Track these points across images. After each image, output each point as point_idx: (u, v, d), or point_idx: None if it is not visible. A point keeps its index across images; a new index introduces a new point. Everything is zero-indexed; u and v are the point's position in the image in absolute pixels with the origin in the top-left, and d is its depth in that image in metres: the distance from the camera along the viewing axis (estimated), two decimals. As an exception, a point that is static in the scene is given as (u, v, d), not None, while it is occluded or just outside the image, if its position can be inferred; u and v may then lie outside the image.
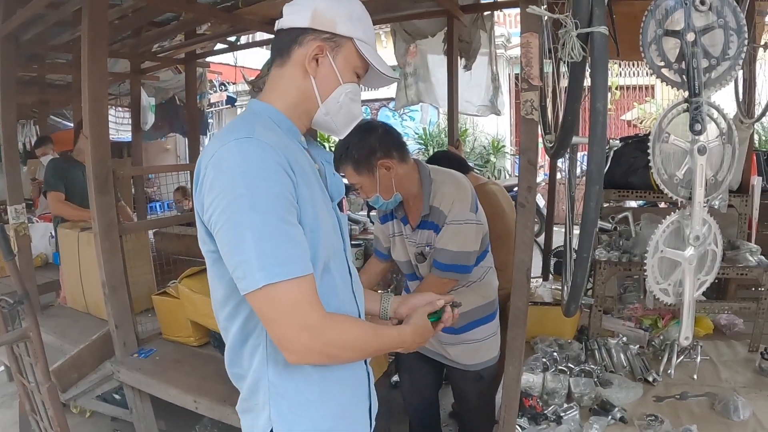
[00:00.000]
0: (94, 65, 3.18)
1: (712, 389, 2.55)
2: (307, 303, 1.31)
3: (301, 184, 1.39)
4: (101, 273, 3.26)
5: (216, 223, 1.33)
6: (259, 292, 1.28)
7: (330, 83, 1.53)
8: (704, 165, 1.43)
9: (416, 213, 2.72)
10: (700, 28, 1.43)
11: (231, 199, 1.29)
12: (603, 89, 1.30)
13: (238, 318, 1.47)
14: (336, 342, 1.38)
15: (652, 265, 1.54)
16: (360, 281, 1.74)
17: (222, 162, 1.32)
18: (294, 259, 1.30)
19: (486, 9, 5.46)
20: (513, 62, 15.12)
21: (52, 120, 10.55)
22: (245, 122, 1.43)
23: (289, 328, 1.30)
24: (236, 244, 1.30)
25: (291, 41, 1.51)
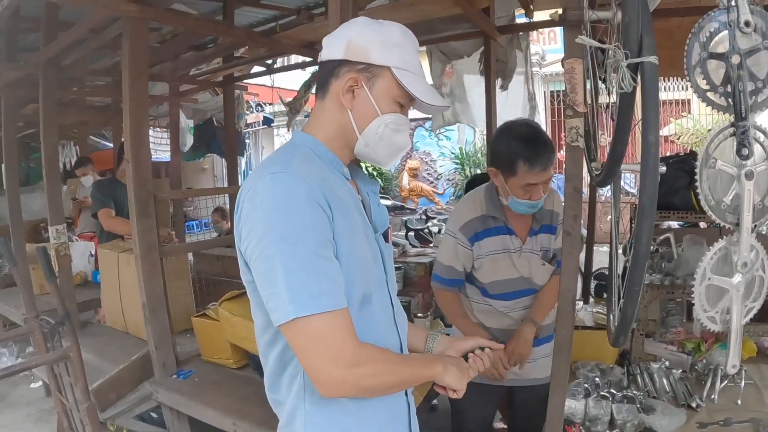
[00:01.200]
0: (135, 91, 3.25)
1: (757, 414, 2.47)
2: (339, 336, 1.31)
3: (338, 217, 1.39)
4: (141, 295, 3.30)
5: (251, 255, 1.36)
6: (290, 325, 1.30)
7: (367, 115, 1.51)
8: (752, 190, 1.40)
9: (523, 222, 2.71)
10: (746, 50, 1.40)
11: (264, 232, 1.31)
12: (655, 121, 1.28)
13: (277, 346, 1.47)
14: (369, 374, 1.37)
15: (699, 293, 1.51)
16: (403, 312, 1.72)
17: (256, 196, 1.34)
18: (326, 292, 1.30)
19: (522, 29, 5.47)
20: (548, 80, 15.11)
21: (91, 140, 10.76)
22: (284, 155, 1.45)
23: (320, 361, 1.31)
24: (268, 277, 1.32)
25: (328, 74, 1.51)
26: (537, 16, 5.14)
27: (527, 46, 5.53)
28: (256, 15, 5.13)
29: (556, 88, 15.31)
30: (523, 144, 2.48)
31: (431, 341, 1.82)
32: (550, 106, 15.30)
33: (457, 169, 16.65)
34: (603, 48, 1.55)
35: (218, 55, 6.08)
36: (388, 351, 1.51)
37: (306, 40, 4.97)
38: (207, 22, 4.31)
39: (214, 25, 4.44)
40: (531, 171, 2.45)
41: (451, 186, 17.03)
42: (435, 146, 17.11)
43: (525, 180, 2.47)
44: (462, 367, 1.61)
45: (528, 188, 2.50)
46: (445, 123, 6.19)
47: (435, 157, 17.46)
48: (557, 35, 14.70)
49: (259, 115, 16.77)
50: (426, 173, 17.63)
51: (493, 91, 5.21)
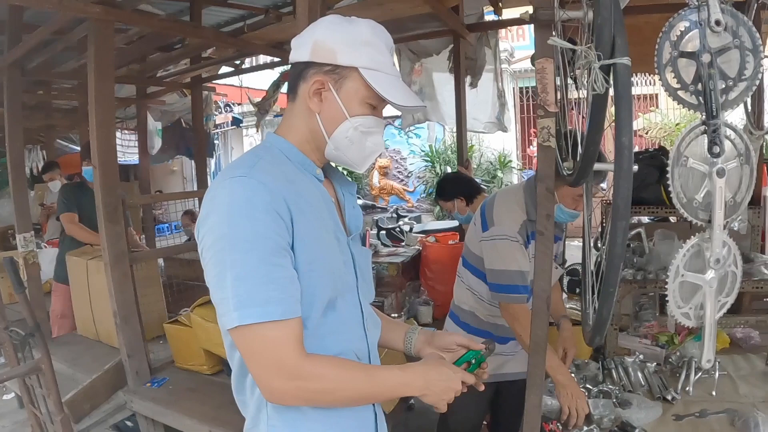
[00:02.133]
0: (101, 94, 3.20)
1: (732, 405, 2.51)
2: (282, 346, 1.29)
3: (303, 221, 1.36)
4: (112, 303, 3.26)
5: (204, 258, 1.35)
6: (235, 332, 1.29)
7: (335, 118, 1.46)
8: (723, 187, 1.42)
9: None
10: (716, 49, 1.41)
11: (216, 237, 1.30)
12: (628, 123, 1.28)
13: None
14: (314, 386, 1.33)
15: (673, 290, 1.52)
16: (375, 318, 1.69)
17: (215, 199, 1.33)
18: (273, 301, 1.28)
19: (491, 27, 5.48)
20: (517, 76, 15.19)
21: (58, 144, 10.60)
22: (251, 158, 1.42)
23: (262, 370, 1.30)
24: (218, 282, 1.30)
25: (297, 76, 1.48)
26: (506, 14, 5.16)
27: (496, 44, 5.56)
28: (223, 14, 5.07)
29: (525, 84, 15.40)
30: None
31: (409, 339, 1.77)
32: (520, 103, 15.39)
33: (427, 166, 16.63)
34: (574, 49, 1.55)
35: (186, 56, 6.01)
36: (344, 360, 1.44)
37: (274, 40, 4.93)
38: (174, 23, 4.26)
39: (181, 26, 4.39)
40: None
41: (421, 184, 17.01)
42: (405, 144, 17.10)
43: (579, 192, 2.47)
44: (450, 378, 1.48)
45: (578, 198, 2.52)
46: (415, 121, 6.20)
47: (405, 155, 17.43)
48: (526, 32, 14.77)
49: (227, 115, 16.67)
50: (396, 171, 17.60)
51: (463, 89, 5.24)
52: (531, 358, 1.91)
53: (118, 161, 3.40)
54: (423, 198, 16.87)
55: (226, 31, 5.05)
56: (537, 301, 1.85)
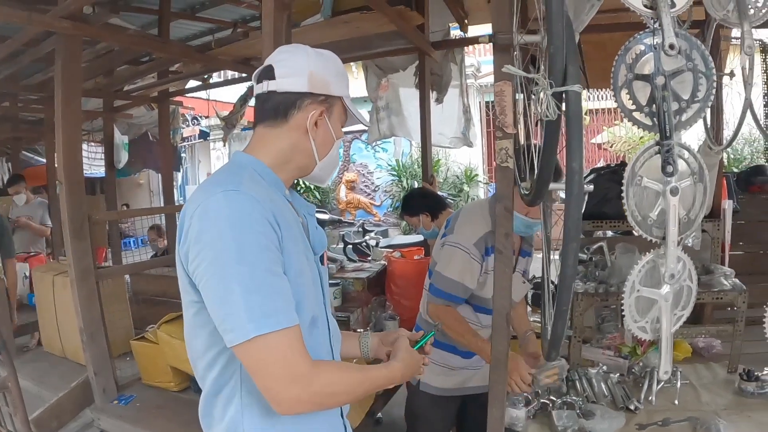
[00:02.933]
0: (68, 108, 3.19)
1: (694, 413, 2.55)
2: (295, 354, 1.31)
3: (286, 237, 1.40)
4: (78, 320, 3.23)
5: (202, 275, 1.33)
6: (248, 344, 1.28)
7: (327, 142, 1.60)
8: (677, 205, 1.46)
9: (516, 241, 2.74)
10: (670, 72, 1.46)
11: (218, 251, 1.30)
12: (578, 148, 1.31)
13: (216, 367, 1.46)
14: (326, 390, 1.37)
15: (629, 305, 1.56)
16: (339, 334, 1.75)
17: (208, 213, 1.33)
18: (281, 310, 1.31)
19: (456, 45, 5.55)
20: (484, 91, 15.28)
21: (24, 155, 10.43)
22: (231, 175, 1.44)
23: (279, 379, 1.30)
24: (223, 297, 1.30)
25: (289, 105, 1.54)
26: (472, 31, 5.24)
27: (462, 60, 5.62)
28: (192, 28, 5.07)
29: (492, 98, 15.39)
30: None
31: (364, 345, 1.89)
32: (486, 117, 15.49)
33: (394, 180, 16.67)
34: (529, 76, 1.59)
35: (153, 71, 5.99)
36: (342, 363, 1.58)
37: (241, 56, 4.94)
38: (142, 38, 4.25)
39: (149, 41, 4.38)
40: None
41: (388, 198, 17.04)
42: (372, 158, 17.12)
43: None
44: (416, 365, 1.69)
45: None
46: (381, 136, 6.21)
47: (372, 169, 17.43)
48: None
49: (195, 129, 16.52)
50: (363, 185, 17.59)
51: (428, 104, 5.28)
52: (492, 373, 1.94)
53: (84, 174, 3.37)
54: (390, 212, 16.89)
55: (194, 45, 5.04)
56: (497, 318, 1.88)
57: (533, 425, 2.60)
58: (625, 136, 13.98)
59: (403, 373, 1.63)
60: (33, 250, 7.09)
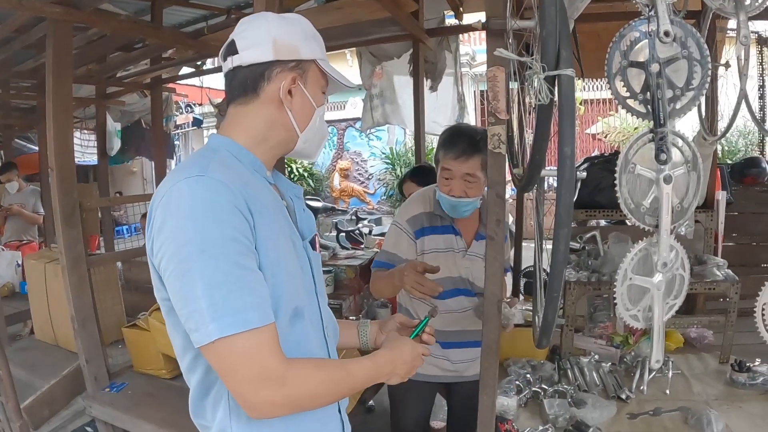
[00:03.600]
0: (59, 95, 3.16)
1: (685, 403, 2.57)
2: (264, 355, 1.21)
3: (262, 224, 1.30)
4: (70, 307, 3.21)
5: (165, 269, 1.24)
6: (212, 346, 1.19)
7: (306, 111, 1.48)
8: (670, 193, 1.45)
9: (470, 225, 2.71)
10: (665, 59, 1.44)
11: (179, 244, 1.20)
12: (570, 133, 1.30)
13: (198, 370, 1.38)
14: (301, 393, 1.26)
15: (621, 293, 1.55)
16: (335, 323, 1.67)
17: (171, 203, 1.23)
18: (250, 307, 1.20)
19: (451, 32, 5.52)
20: (478, 80, 15.27)
21: (17, 143, 10.37)
22: (200, 159, 1.34)
23: (247, 383, 1.21)
24: (186, 294, 1.20)
25: (257, 78, 1.43)
26: (467, 19, 5.20)
27: (456, 48, 5.59)
28: (185, 14, 5.02)
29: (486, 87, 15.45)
30: (446, 133, 2.59)
31: (363, 334, 1.82)
32: (480, 106, 15.47)
33: (387, 168, 16.67)
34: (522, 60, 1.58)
35: (146, 57, 5.94)
36: (318, 360, 1.45)
37: (234, 43, 4.89)
38: (134, 24, 4.20)
39: (141, 27, 4.34)
40: (445, 156, 2.50)
41: (382, 186, 17.05)
42: (366, 146, 17.12)
43: (441, 165, 2.53)
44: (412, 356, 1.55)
45: (445, 175, 2.52)
46: (375, 124, 6.18)
47: (366, 157, 17.44)
48: (487, 35, 14.87)
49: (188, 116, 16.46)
50: (357, 173, 17.59)
51: (421, 92, 5.25)
52: (483, 361, 1.92)
53: (76, 162, 3.36)
54: (383, 200, 16.91)
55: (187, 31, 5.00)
56: (488, 305, 1.86)
57: (524, 413, 2.62)
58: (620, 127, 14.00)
59: (394, 364, 1.50)
60: (25, 238, 7.11)
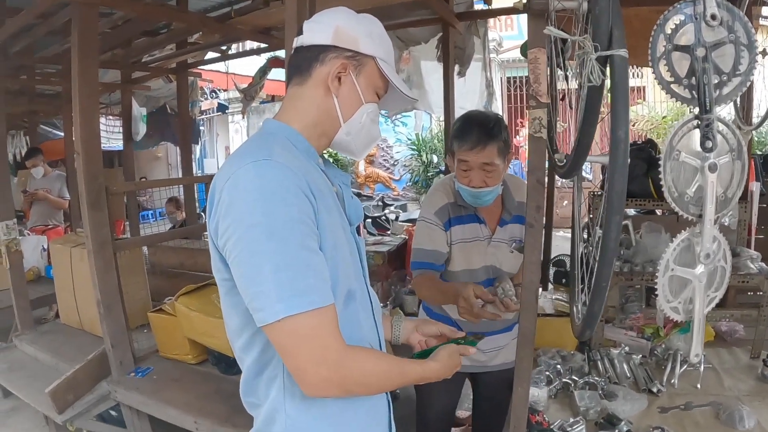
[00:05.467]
0: (85, 79, 3.15)
1: (716, 398, 2.52)
2: (326, 335, 1.26)
3: (321, 208, 1.33)
4: (96, 292, 3.22)
5: (231, 251, 1.27)
6: (277, 325, 1.22)
7: (352, 103, 1.49)
8: (715, 182, 1.40)
9: (493, 212, 2.66)
10: (711, 44, 1.39)
11: (247, 226, 1.23)
12: (625, 116, 1.26)
13: (254, 349, 1.41)
14: (356, 377, 1.32)
15: (662, 284, 1.51)
16: (380, 307, 1.68)
17: (238, 185, 1.26)
18: (314, 289, 1.24)
19: (481, 16, 5.44)
20: (505, 66, 15.19)
21: (42, 129, 10.48)
22: (262, 143, 1.37)
23: (308, 361, 1.25)
24: (253, 274, 1.24)
25: (312, 59, 1.47)
26: (495, 3, 5.13)
27: (485, 33, 5.53)
28: (210, 0, 5.01)
29: (513, 74, 15.40)
30: (459, 123, 2.52)
31: (396, 327, 1.82)
32: (507, 93, 15.39)
33: (413, 155, 16.63)
34: (566, 39, 1.53)
35: (171, 41, 5.94)
36: (377, 352, 1.50)
37: (261, 26, 4.88)
38: (159, 7, 4.19)
39: (166, 10, 4.32)
40: (461, 148, 2.44)
41: (407, 172, 17.02)
42: (391, 132, 17.03)
43: (457, 157, 2.47)
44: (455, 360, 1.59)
45: (463, 167, 2.47)
46: (402, 109, 6.17)
47: (391, 143, 17.38)
48: (514, 22, 14.77)
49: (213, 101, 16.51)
50: (382, 159, 17.55)
51: (451, 78, 5.17)
52: (519, 351, 1.90)
53: (102, 147, 3.35)
54: (409, 186, 16.86)
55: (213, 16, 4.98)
56: (526, 293, 1.83)
57: (554, 405, 2.58)
58: (648, 115, 13.82)
59: (438, 375, 1.54)
60: (51, 222, 7.19)
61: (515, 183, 2.67)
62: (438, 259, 2.65)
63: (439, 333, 1.78)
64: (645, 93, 14.19)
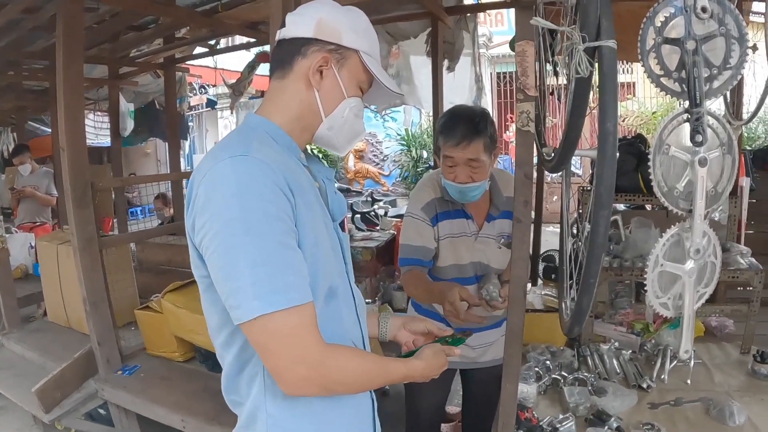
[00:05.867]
0: (70, 74, 3.12)
1: (707, 394, 2.52)
2: (305, 333, 1.24)
3: (301, 205, 1.31)
4: (82, 289, 3.20)
5: (208, 247, 1.25)
6: (254, 322, 1.20)
7: (334, 97, 1.47)
8: (705, 177, 1.39)
9: (480, 208, 2.63)
10: (701, 36, 1.38)
11: (224, 222, 1.21)
12: (613, 108, 1.24)
13: (234, 346, 1.39)
14: (335, 376, 1.30)
15: (651, 280, 1.49)
16: (363, 303, 1.67)
17: (215, 181, 1.25)
18: (292, 286, 1.22)
19: (470, 11, 5.45)
20: (495, 61, 15.18)
21: (30, 126, 10.40)
22: (241, 138, 1.35)
23: (285, 359, 1.23)
24: (229, 271, 1.22)
25: (294, 52, 1.44)
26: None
27: (475, 28, 5.52)
28: (199, -7, 4.97)
29: (502, 69, 15.39)
30: (444, 119, 2.48)
31: (383, 324, 1.80)
32: (497, 88, 15.38)
33: (403, 150, 16.66)
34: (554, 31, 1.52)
35: (159, 36, 5.89)
36: (359, 350, 1.49)
37: (249, 20, 4.85)
38: (145, 1, 4.15)
39: (152, 4, 4.27)
40: (446, 144, 2.40)
41: (397, 167, 17.04)
42: (381, 127, 16.97)
43: (443, 153, 2.43)
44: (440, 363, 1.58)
45: (448, 163, 2.44)
46: (391, 104, 6.15)
47: (381, 139, 17.40)
48: (504, 17, 14.77)
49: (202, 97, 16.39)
50: (372, 155, 17.56)
51: (440, 73, 5.17)
52: (507, 347, 1.88)
53: (89, 144, 3.33)
54: (398, 181, 16.90)
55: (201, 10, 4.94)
56: (514, 289, 1.82)
57: (544, 401, 2.57)
58: (638, 111, 13.85)
59: (423, 376, 1.54)
60: (38, 219, 7.15)
61: (504, 178, 2.63)
62: (426, 255, 2.63)
63: (426, 330, 1.76)
64: (635, 89, 14.20)
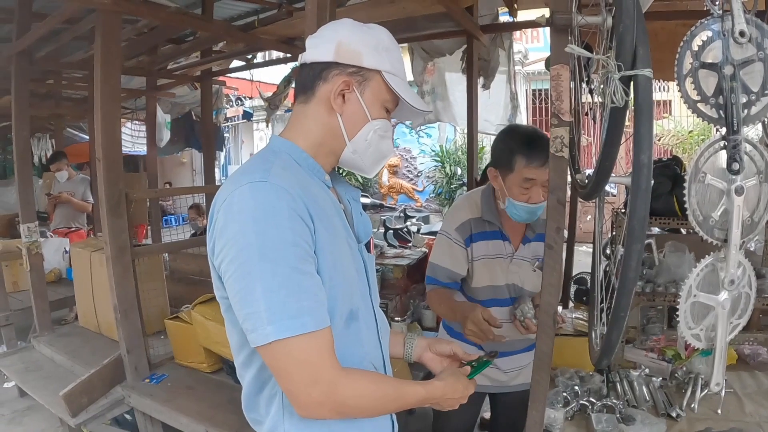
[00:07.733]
0: (107, 86, 3.18)
1: (737, 424, 2.44)
2: (318, 358, 1.25)
3: (321, 229, 1.32)
4: (113, 297, 3.24)
5: (226, 271, 1.27)
6: (268, 347, 1.22)
7: (358, 120, 1.46)
8: (741, 206, 1.36)
9: (518, 229, 2.62)
10: (739, 61, 1.34)
11: (240, 247, 1.23)
12: (648, 139, 1.22)
13: (252, 367, 1.40)
14: (349, 401, 1.30)
15: (684, 310, 1.46)
16: (387, 325, 1.67)
17: (233, 207, 1.26)
18: (307, 311, 1.23)
19: (505, 29, 5.44)
20: (530, 78, 15.10)
21: (68, 132, 10.64)
22: (262, 162, 1.36)
23: (299, 383, 1.24)
24: (245, 295, 1.23)
25: (315, 77, 1.44)
26: (521, 15, 5.10)
27: (510, 45, 5.51)
28: (236, 8, 5.03)
29: (538, 86, 15.31)
30: (523, 139, 2.41)
31: (409, 346, 1.78)
32: (532, 105, 15.30)
33: (437, 166, 16.63)
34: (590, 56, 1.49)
35: (196, 49, 6.00)
36: (375, 374, 1.48)
37: (285, 36, 4.91)
38: (183, 15, 4.20)
39: (190, 19, 4.33)
40: (529, 165, 2.34)
41: (430, 183, 17.01)
42: (415, 143, 17.05)
43: (522, 175, 2.36)
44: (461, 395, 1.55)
45: (526, 185, 2.38)
46: (426, 121, 6.16)
47: (415, 154, 17.42)
48: (540, 34, 14.71)
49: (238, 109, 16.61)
50: (406, 170, 17.58)
51: (475, 90, 5.16)
52: (534, 374, 1.85)
53: (127, 152, 3.39)
54: (432, 198, 16.85)
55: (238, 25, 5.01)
56: (543, 316, 1.79)
57: (570, 427, 2.52)
58: (674, 130, 13.66)
59: (444, 398, 1.51)
60: (74, 225, 7.27)
61: None
62: (453, 278, 2.63)
63: (451, 352, 1.74)
64: (671, 107, 14.01)
